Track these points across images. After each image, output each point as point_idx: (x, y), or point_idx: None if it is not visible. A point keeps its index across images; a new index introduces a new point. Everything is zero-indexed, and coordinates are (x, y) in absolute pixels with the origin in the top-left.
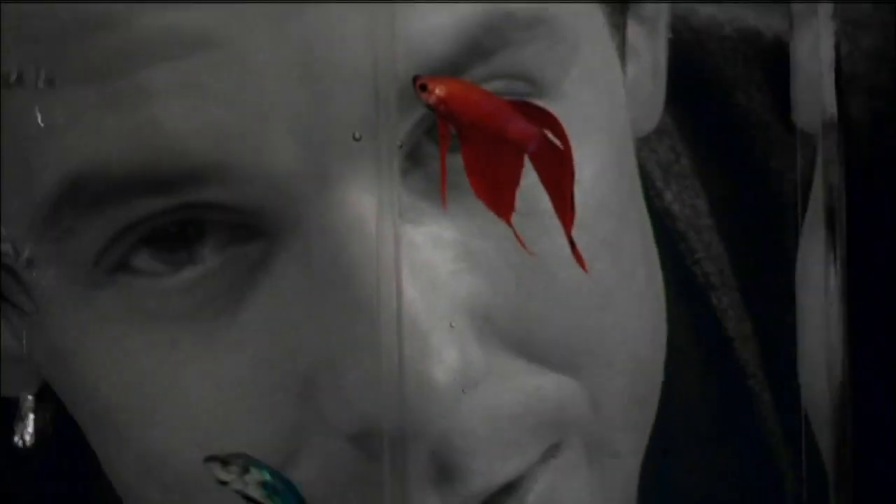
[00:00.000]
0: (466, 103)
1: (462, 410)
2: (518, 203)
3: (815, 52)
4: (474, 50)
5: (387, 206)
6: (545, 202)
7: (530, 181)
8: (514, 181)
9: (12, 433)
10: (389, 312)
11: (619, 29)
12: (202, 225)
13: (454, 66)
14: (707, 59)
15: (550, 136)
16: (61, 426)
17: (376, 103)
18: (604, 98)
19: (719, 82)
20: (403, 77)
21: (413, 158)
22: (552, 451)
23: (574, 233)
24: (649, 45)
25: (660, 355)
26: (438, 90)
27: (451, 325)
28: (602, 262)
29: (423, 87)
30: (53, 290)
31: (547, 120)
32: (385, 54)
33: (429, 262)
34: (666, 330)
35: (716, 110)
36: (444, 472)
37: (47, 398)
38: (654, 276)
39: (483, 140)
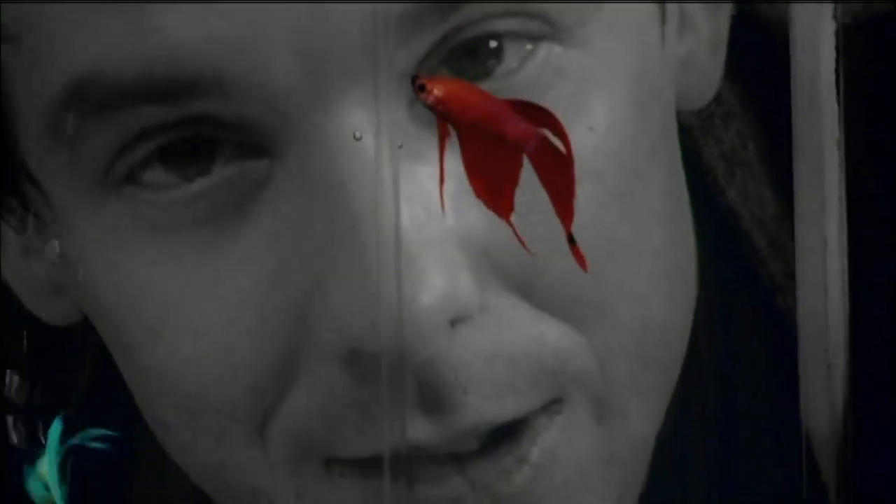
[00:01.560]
0: (465, 103)
1: (454, 343)
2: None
3: (816, 52)
4: None
5: (385, 126)
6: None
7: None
8: (514, 180)
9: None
10: (381, 234)
11: None
12: (210, 140)
13: None
14: (778, 36)
15: (550, 136)
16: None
17: (376, 102)
18: (630, 53)
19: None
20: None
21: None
22: (556, 407)
23: (585, 179)
24: (710, 19)
25: (677, 322)
26: (437, 90)
27: (438, 252)
28: (609, 213)
29: (422, 88)
30: (67, 200)
31: (547, 120)
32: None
33: (426, 191)
34: (691, 300)
35: (786, 91)
36: (434, 401)
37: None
38: (678, 242)
39: (482, 140)
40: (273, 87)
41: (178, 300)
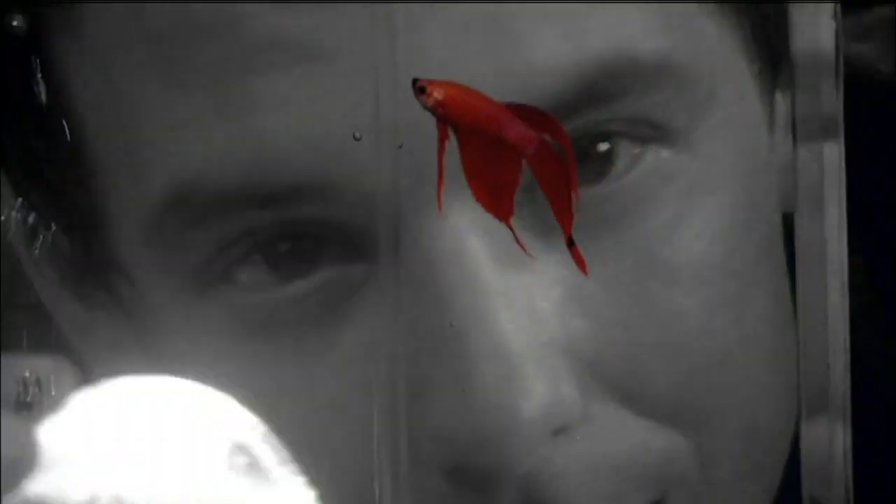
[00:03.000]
0: (465, 106)
1: (555, 453)
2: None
3: (816, 51)
4: (592, 94)
5: (486, 235)
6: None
7: None
8: (513, 184)
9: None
10: (482, 343)
11: (769, 93)
12: (309, 241)
13: (568, 108)
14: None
15: (551, 140)
16: None
17: (376, 103)
18: (738, 157)
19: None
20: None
21: (529, 192)
22: None
23: (693, 286)
24: None
25: (784, 425)
26: (437, 93)
27: (542, 361)
28: (720, 319)
29: (422, 90)
30: (160, 296)
31: (548, 125)
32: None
33: (530, 298)
34: (794, 403)
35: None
36: None
37: None
38: (786, 345)
39: (481, 143)
40: (375, 194)
41: (272, 402)
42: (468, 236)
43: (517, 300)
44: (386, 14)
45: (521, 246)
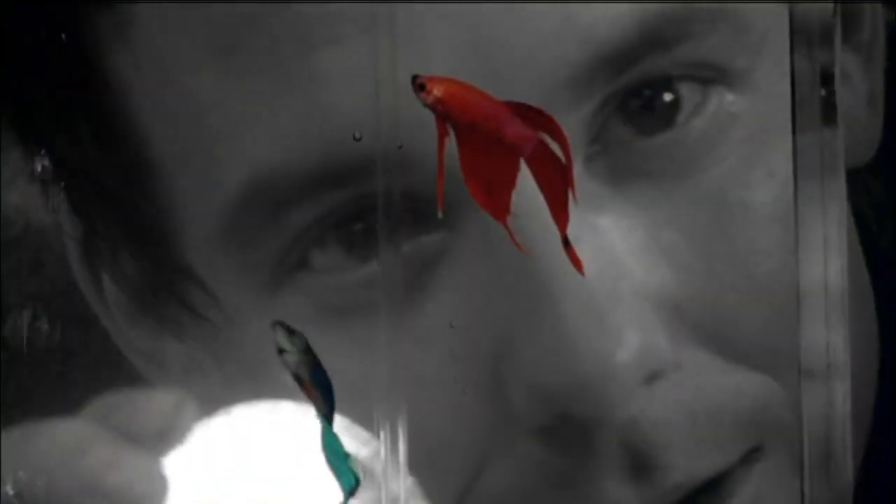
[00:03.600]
0: (464, 104)
1: (652, 400)
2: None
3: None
4: (653, 40)
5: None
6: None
7: None
8: (511, 183)
9: None
10: (571, 292)
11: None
12: (376, 218)
13: (631, 55)
14: None
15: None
16: None
17: (376, 103)
18: (801, 98)
19: None
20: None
21: (598, 143)
22: (755, 455)
23: (770, 225)
24: (865, 73)
25: (871, 365)
26: (436, 90)
27: (629, 309)
28: (799, 255)
29: (422, 87)
30: (239, 297)
31: (548, 124)
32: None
33: (612, 247)
34: (876, 343)
35: None
36: (638, 463)
37: None
38: (863, 283)
39: (480, 141)
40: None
41: (360, 384)
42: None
43: (596, 246)
44: None
45: (518, 245)
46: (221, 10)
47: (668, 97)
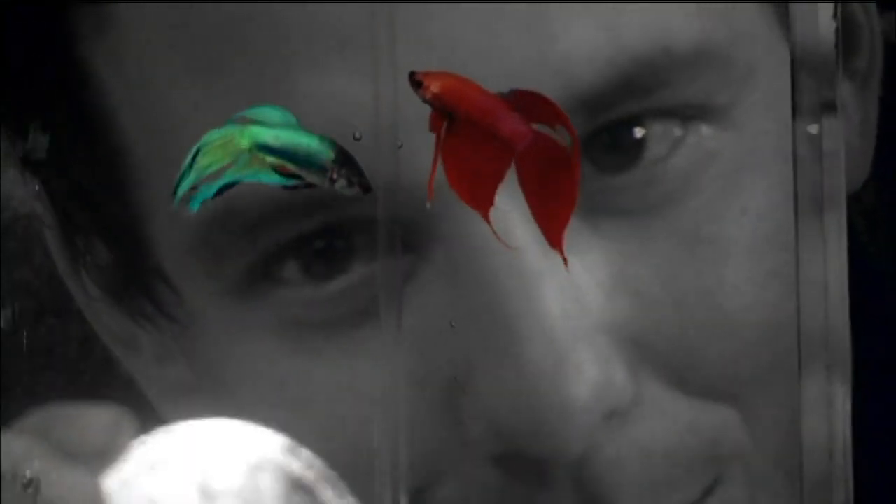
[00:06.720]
0: (461, 98)
1: (609, 438)
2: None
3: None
4: (627, 87)
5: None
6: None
7: None
8: (498, 177)
9: None
10: (533, 329)
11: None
12: (351, 238)
13: (603, 99)
14: None
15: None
16: None
17: (376, 103)
18: (784, 132)
19: None
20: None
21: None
22: (713, 487)
23: (742, 261)
24: (859, 102)
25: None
26: (434, 86)
27: (592, 345)
28: (771, 292)
29: (419, 84)
30: (203, 301)
31: (551, 114)
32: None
33: (577, 281)
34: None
35: None
36: (591, 501)
37: None
38: None
39: (475, 135)
40: (420, 187)
41: (314, 397)
42: (511, 219)
43: (562, 284)
44: None
45: (500, 239)
46: (207, 20)
47: (638, 134)
